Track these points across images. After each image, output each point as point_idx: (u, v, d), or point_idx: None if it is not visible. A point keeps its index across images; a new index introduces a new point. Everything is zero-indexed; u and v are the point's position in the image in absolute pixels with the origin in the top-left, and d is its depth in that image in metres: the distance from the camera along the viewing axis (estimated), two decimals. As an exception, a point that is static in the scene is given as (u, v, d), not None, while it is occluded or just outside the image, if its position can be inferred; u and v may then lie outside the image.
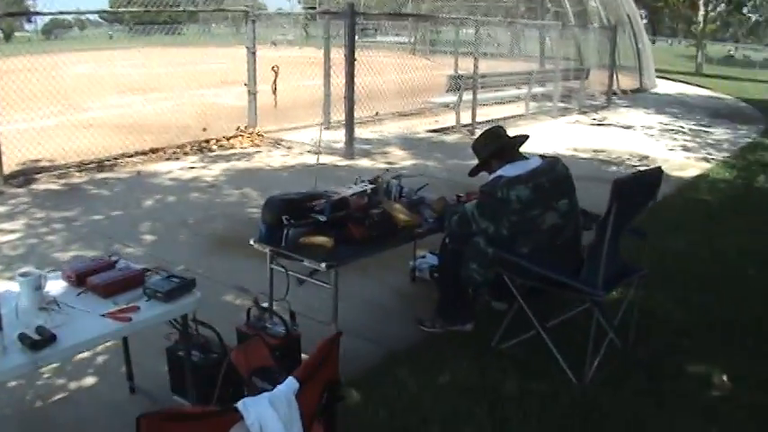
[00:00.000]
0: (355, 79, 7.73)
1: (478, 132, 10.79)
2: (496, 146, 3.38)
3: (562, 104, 12.58)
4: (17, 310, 2.26)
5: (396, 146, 8.77)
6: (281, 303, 3.23)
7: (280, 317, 3.03)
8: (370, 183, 3.59)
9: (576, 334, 3.35)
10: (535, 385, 3.12)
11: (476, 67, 10.18)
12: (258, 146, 8.18)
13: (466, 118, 10.13)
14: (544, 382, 3.15)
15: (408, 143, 8.99)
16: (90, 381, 3.13)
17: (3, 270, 4.32)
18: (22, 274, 2.33)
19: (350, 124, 8.04)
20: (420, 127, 10.18)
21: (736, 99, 16.35)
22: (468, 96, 10.11)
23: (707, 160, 8.65)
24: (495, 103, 11.75)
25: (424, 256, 4.36)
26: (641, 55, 17.46)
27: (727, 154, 9.19)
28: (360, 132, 8.34)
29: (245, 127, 8.42)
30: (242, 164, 7.36)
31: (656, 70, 19.09)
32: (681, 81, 20.43)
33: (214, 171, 7.01)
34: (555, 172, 3.25)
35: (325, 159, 7.81)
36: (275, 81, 8.90)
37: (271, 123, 8.88)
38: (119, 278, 2.53)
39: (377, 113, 10.34)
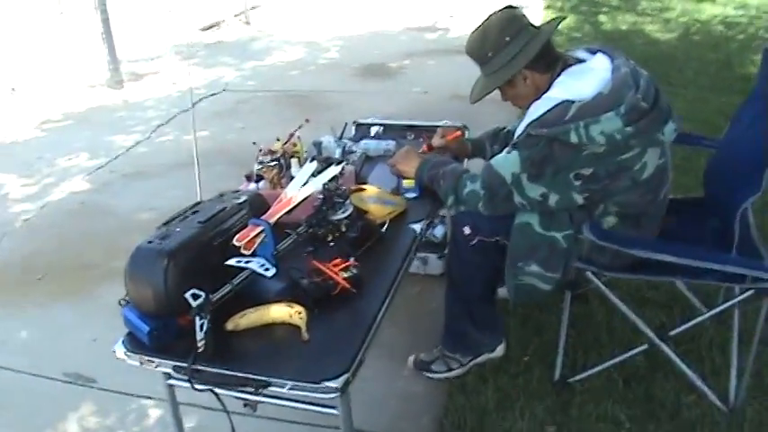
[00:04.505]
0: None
1: (255, 22, 8.54)
2: (532, 46, 1.84)
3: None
4: None
5: (166, 58, 6.57)
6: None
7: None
8: (324, 163, 1.81)
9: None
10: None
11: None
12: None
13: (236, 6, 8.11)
14: (693, 426, 1.91)
15: (181, 52, 6.79)
16: None
17: None
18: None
19: (109, 37, 5.77)
20: (179, 27, 7.82)
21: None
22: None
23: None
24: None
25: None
26: None
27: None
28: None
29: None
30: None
31: None
32: None
33: None
34: (643, 78, 1.82)
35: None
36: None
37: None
38: None
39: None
